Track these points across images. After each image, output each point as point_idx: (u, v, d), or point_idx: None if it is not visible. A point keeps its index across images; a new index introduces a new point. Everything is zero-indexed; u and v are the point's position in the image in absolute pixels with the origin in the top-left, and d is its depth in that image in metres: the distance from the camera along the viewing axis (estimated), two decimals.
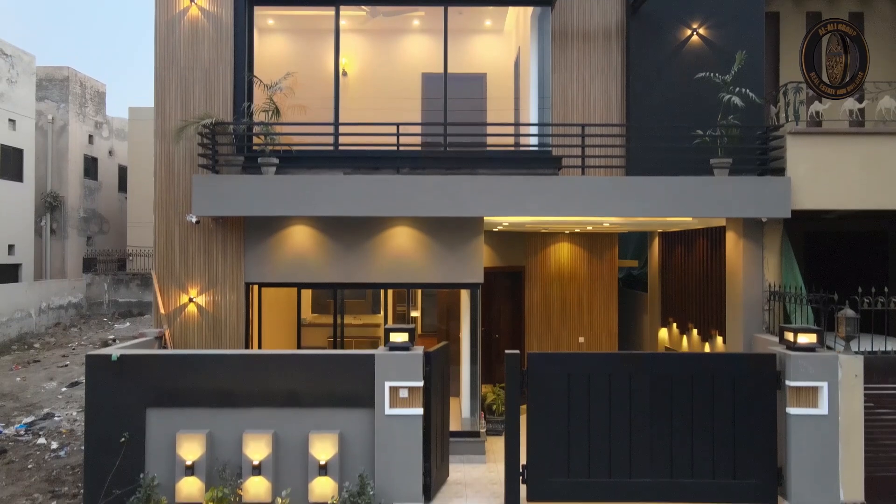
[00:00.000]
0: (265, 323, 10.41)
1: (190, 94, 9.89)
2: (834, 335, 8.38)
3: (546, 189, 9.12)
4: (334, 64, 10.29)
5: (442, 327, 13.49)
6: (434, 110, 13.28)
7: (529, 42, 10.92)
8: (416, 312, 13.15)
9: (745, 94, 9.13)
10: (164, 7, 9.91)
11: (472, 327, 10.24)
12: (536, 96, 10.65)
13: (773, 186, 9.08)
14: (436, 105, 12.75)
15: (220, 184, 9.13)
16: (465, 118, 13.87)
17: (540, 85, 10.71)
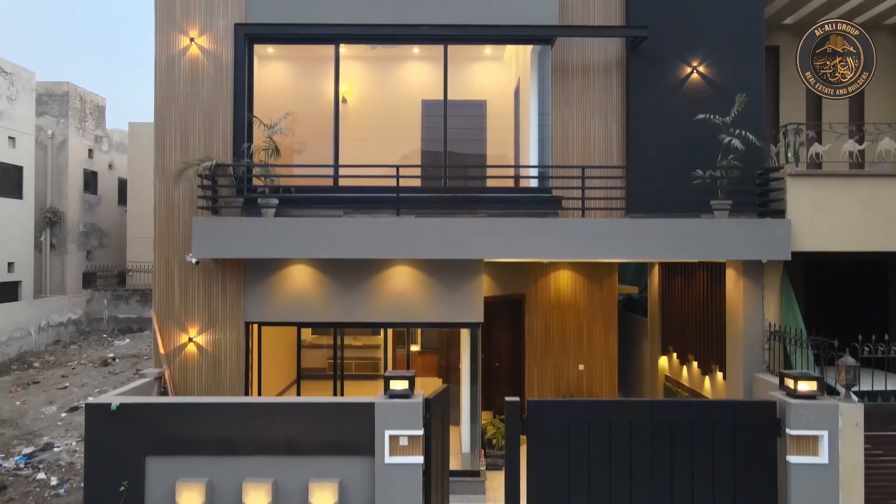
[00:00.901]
0: (265, 348, 10.40)
1: (190, 132, 9.88)
2: (835, 375, 8.37)
3: (546, 232, 9.12)
4: (334, 101, 10.29)
5: (442, 363, 13.51)
6: (434, 139, 13.32)
7: (529, 74, 10.93)
8: (416, 346, 13.14)
9: (745, 137, 9.14)
10: (164, 46, 9.91)
11: (472, 365, 10.24)
12: (536, 133, 10.64)
13: (773, 229, 9.08)
14: (436, 132, 12.78)
15: (220, 226, 9.12)
16: (466, 147, 13.89)
17: (540, 121, 10.71)
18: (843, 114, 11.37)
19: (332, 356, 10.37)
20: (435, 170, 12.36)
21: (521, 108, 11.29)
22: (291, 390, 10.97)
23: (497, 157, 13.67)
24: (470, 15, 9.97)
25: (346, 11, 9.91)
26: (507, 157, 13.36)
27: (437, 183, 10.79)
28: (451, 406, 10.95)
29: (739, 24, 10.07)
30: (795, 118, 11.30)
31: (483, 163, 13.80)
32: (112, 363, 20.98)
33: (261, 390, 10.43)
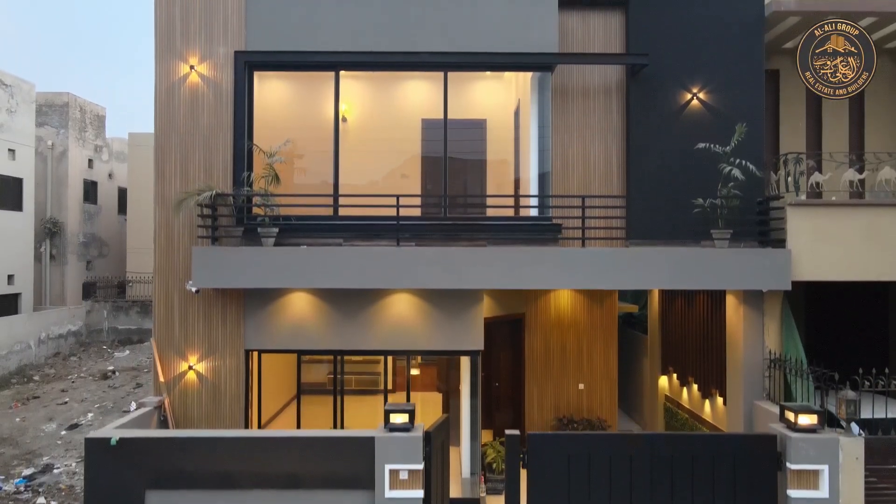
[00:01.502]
0: (265, 360, 10.43)
1: (190, 160, 9.88)
2: (835, 405, 8.37)
3: (546, 261, 9.12)
4: (334, 127, 10.28)
5: (442, 385, 13.50)
6: (434, 158, 13.32)
7: (529, 97, 10.92)
8: (416, 370, 13.12)
9: (745, 167, 9.13)
10: (164, 74, 9.90)
11: (472, 395, 10.23)
12: (536, 158, 10.64)
13: (773, 258, 9.07)
14: (436, 151, 12.77)
15: (220, 256, 9.11)
16: (467, 167, 13.89)
17: (540, 146, 10.70)
18: (843, 136, 11.36)
19: (332, 375, 10.37)
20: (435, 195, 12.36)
21: (521, 131, 11.29)
22: (291, 407, 10.93)
23: (497, 177, 13.67)
24: (470, 42, 9.97)
25: (346, 39, 9.91)
26: (508, 178, 13.37)
27: (438, 209, 10.78)
28: (452, 426, 10.97)
29: (740, 52, 10.07)
30: (796, 141, 11.31)
31: (483, 182, 13.82)
32: (112, 376, 20.97)
33: (261, 411, 10.39)
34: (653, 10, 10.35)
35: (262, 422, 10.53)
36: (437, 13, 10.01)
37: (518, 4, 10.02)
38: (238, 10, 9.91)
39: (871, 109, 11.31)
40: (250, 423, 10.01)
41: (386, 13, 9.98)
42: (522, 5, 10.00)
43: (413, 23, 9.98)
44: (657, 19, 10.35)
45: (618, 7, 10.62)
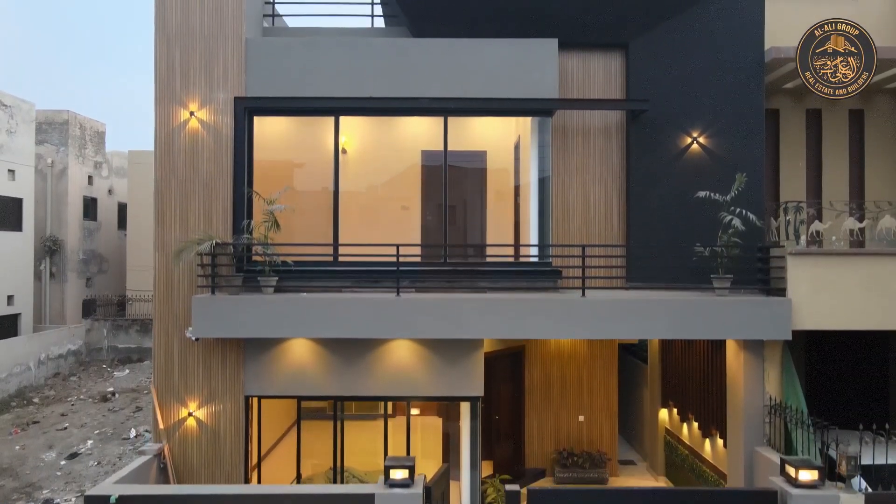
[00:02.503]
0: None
1: (189, 206, 9.87)
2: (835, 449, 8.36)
3: (546, 310, 9.11)
4: (334, 170, 10.27)
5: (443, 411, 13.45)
6: (434, 188, 13.32)
7: (529, 136, 10.90)
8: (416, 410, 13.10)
9: (745, 217, 9.13)
10: (164, 119, 9.90)
11: (472, 442, 10.20)
12: (536, 199, 10.63)
13: (773, 308, 9.06)
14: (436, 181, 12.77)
15: (220, 306, 9.10)
16: (467, 198, 13.88)
17: (540, 187, 10.69)
18: (844, 175, 11.35)
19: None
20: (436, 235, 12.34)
21: (521, 174, 11.28)
22: (291, 435, 10.82)
23: (497, 209, 13.68)
24: (470, 87, 9.97)
25: (346, 84, 9.91)
26: (508, 210, 13.37)
27: (438, 249, 10.77)
28: (452, 464, 10.96)
29: (740, 97, 10.08)
30: (796, 181, 11.30)
31: (483, 214, 13.82)
32: (112, 398, 20.96)
33: (260, 443, 10.27)
34: (653, 53, 10.36)
35: (262, 452, 10.45)
36: (437, 58, 10.02)
37: (518, 49, 10.02)
38: (238, 56, 9.91)
39: (871, 149, 11.31)
40: (250, 469, 9.99)
41: (386, 58, 9.98)
42: (522, 50, 10.01)
43: (413, 68, 9.98)
44: (657, 62, 10.36)
45: (618, 49, 10.63)
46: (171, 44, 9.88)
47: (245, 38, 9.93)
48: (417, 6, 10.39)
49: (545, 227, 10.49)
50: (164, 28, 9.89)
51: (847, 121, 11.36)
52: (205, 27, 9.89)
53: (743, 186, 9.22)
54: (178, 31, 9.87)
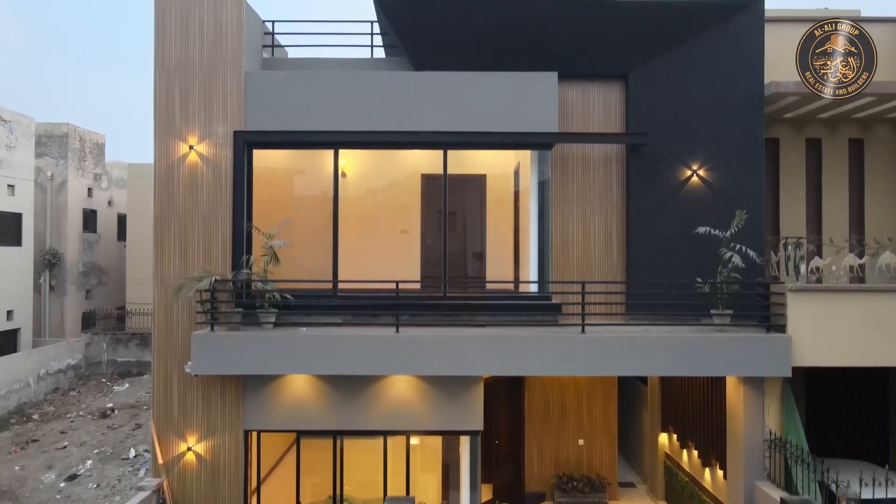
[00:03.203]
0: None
1: (189, 240, 9.86)
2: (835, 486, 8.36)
3: (546, 347, 9.10)
4: (333, 203, 10.26)
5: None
6: (434, 213, 13.32)
7: (529, 165, 10.88)
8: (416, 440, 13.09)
9: (745, 254, 9.12)
10: (164, 153, 9.89)
11: (472, 470, 10.20)
12: (536, 230, 10.61)
13: (773, 345, 9.05)
14: (436, 205, 12.75)
15: (219, 343, 9.09)
16: (467, 223, 13.87)
17: (540, 217, 10.67)
18: (844, 203, 11.33)
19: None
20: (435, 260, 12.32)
21: (521, 199, 11.28)
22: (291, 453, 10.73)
23: (497, 233, 13.68)
24: (469, 121, 9.96)
25: (345, 118, 9.90)
26: (507, 234, 13.37)
27: (438, 279, 10.75)
28: (451, 487, 10.95)
29: (740, 132, 10.07)
30: (796, 210, 11.29)
31: (483, 238, 13.83)
32: (111, 415, 20.94)
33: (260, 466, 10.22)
34: (652, 84, 10.36)
35: (262, 474, 10.39)
36: (437, 91, 10.01)
37: (517, 83, 10.02)
38: (237, 89, 9.90)
39: (871, 178, 11.30)
40: (249, 494, 9.95)
41: (385, 91, 9.98)
42: (522, 84, 10.00)
43: (412, 101, 9.97)
44: (657, 93, 10.36)
45: (618, 79, 10.62)
46: (171, 77, 9.87)
47: (244, 71, 9.92)
48: (417, 39, 10.39)
49: (545, 259, 10.48)
50: (164, 62, 9.88)
51: (847, 150, 11.36)
52: (204, 61, 9.88)
53: (743, 223, 9.20)
54: (178, 65, 9.86)
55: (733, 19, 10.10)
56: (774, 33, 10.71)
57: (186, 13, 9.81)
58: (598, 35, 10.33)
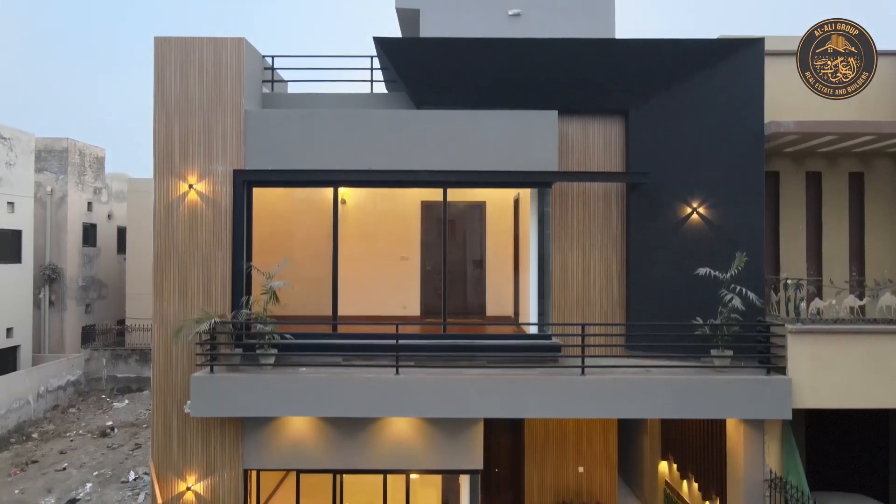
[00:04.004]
0: None
1: (188, 279, 9.85)
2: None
3: (546, 390, 9.09)
4: (333, 241, 10.24)
5: None
6: (434, 240, 13.31)
7: (529, 199, 10.86)
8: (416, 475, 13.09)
9: (745, 296, 9.11)
10: (164, 192, 9.88)
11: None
12: (536, 267, 10.59)
13: (774, 387, 9.04)
14: (435, 233, 12.75)
15: (218, 385, 9.08)
16: (465, 249, 13.85)
17: (539, 254, 10.66)
18: (844, 237, 11.31)
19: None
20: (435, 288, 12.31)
21: (521, 233, 11.26)
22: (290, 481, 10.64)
23: (496, 260, 13.69)
24: (469, 160, 9.95)
25: (345, 157, 9.89)
26: (507, 263, 13.37)
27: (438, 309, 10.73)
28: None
29: (740, 171, 10.07)
30: (796, 244, 11.27)
31: (483, 266, 13.82)
32: (111, 433, 20.90)
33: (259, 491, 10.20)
34: (653, 121, 10.35)
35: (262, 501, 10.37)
36: (436, 129, 10.01)
37: (517, 121, 10.01)
38: (237, 128, 9.89)
39: (871, 212, 11.28)
40: None
41: (385, 130, 9.97)
42: (522, 122, 10.00)
43: (412, 139, 9.97)
44: (657, 130, 10.35)
45: (618, 115, 10.62)
46: (170, 116, 9.87)
47: (244, 109, 9.92)
48: (417, 76, 10.39)
49: (545, 296, 10.47)
50: (163, 101, 9.87)
51: (847, 184, 11.35)
52: (204, 100, 9.87)
53: (743, 266, 9.20)
54: (177, 105, 9.86)
55: (733, 58, 10.09)
56: (776, 63, 10.69)
57: (186, 54, 9.80)
58: (597, 72, 10.33)
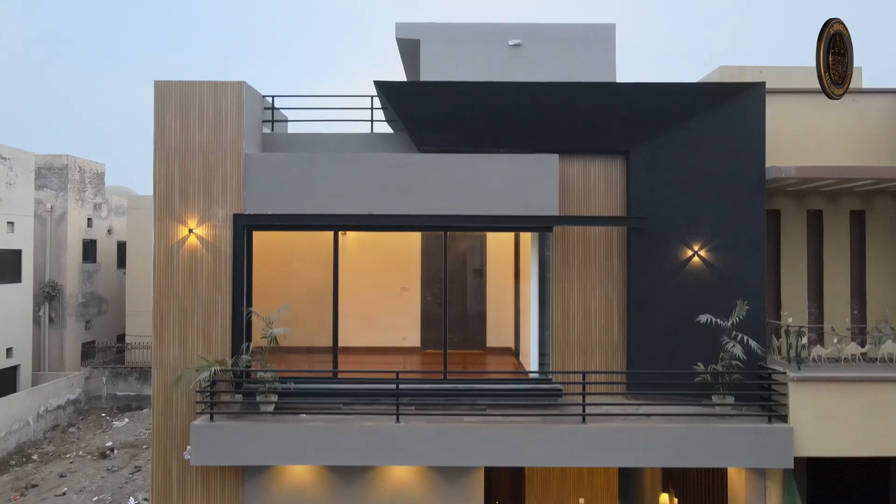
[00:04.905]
0: None
1: (188, 324, 9.83)
2: None
3: (546, 438, 9.08)
4: (333, 285, 10.23)
5: None
6: (434, 273, 13.28)
7: (530, 240, 10.84)
8: None
9: (746, 344, 9.10)
10: (164, 236, 9.86)
11: None
12: (537, 309, 10.58)
13: (775, 436, 9.03)
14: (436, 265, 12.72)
15: (219, 433, 9.07)
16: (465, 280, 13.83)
17: (540, 295, 10.65)
18: (846, 276, 11.27)
19: None
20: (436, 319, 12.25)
21: (522, 283, 11.25)
22: None
23: (496, 293, 13.65)
24: (470, 203, 9.93)
25: (345, 201, 9.88)
26: (507, 295, 13.35)
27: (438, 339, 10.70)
28: None
29: (741, 215, 10.05)
30: (797, 281, 11.23)
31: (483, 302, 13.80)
32: (111, 455, 20.88)
33: None
34: (653, 161, 10.33)
35: None
36: (437, 173, 9.99)
37: (518, 165, 10.01)
38: (237, 173, 9.88)
39: (872, 251, 11.25)
40: None
41: (385, 174, 9.96)
42: (523, 166, 9.99)
43: (412, 183, 9.95)
44: (658, 171, 10.33)
45: (619, 155, 10.60)
46: (170, 161, 9.86)
47: (244, 153, 9.90)
48: (418, 119, 10.38)
49: (545, 338, 10.46)
50: (164, 145, 9.87)
51: (848, 222, 11.31)
52: (204, 144, 9.87)
53: (744, 315, 9.19)
54: (177, 149, 9.85)
55: (734, 101, 10.08)
56: (777, 100, 10.68)
57: (186, 99, 9.80)
58: (598, 114, 10.32)
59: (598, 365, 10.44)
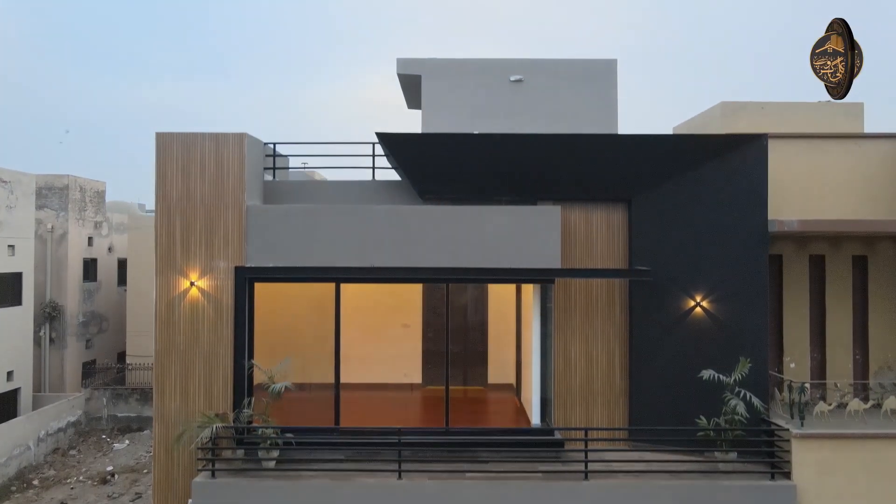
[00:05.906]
0: None
1: (190, 377, 9.81)
2: None
3: (549, 496, 9.06)
4: (335, 337, 10.21)
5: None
6: (435, 310, 13.26)
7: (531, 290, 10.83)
8: None
9: (749, 401, 9.08)
10: (165, 289, 9.85)
11: None
12: (539, 360, 10.57)
13: (778, 494, 9.00)
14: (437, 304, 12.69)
15: (220, 491, 9.04)
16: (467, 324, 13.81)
17: (542, 346, 10.63)
18: (848, 320, 11.25)
19: None
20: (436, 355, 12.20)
21: (524, 332, 11.24)
22: None
23: (497, 333, 13.64)
24: (471, 255, 9.91)
25: (346, 254, 9.86)
26: (508, 337, 13.33)
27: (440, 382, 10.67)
28: None
29: (743, 267, 10.04)
30: (799, 326, 11.21)
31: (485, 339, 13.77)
32: (111, 480, 20.86)
33: None
34: (655, 210, 10.32)
35: None
36: (439, 225, 9.98)
37: (520, 217, 10.01)
38: (238, 225, 9.87)
39: (874, 296, 11.23)
40: None
41: (386, 226, 9.95)
42: (525, 218, 9.99)
43: (413, 235, 9.94)
44: (660, 220, 10.32)
45: (621, 203, 10.58)
46: (172, 214, 9.85)
47: (246, 205, 9.89)
48: (419, 170, 10.37)
49: (547, 389, 10.44)
50: (165, 199, 9.86)
51: (850, 267, 11.30)
52: (206, 197, 9.86)
53: (747, 371, 9.17)
54: (179, 202, 9.84)
55: (736, 153, 10.06)
56: (778, 144, 10.65)
57: (188, 152, 9.79)
58: (600, 164, 10.32)
59: (601, 414, 10.42)
